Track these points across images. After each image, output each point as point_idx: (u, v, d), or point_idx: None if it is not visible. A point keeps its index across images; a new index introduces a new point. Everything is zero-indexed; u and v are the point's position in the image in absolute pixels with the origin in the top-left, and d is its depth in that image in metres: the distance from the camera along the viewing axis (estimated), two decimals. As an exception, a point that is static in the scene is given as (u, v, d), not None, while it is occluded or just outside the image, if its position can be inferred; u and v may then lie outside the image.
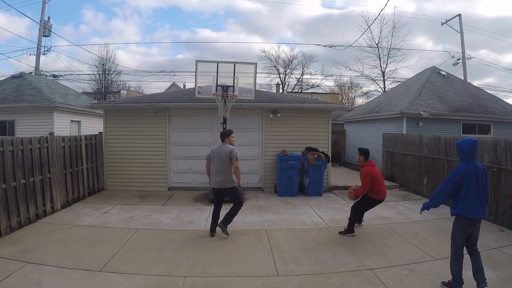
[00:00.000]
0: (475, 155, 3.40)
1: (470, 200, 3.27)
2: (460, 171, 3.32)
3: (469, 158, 3.36)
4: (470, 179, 3.28)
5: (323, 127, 8.82)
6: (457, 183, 3.32)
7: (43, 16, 18.33)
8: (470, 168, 3.31)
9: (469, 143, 3.37)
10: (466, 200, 3.28)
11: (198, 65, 7.54)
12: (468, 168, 3.31)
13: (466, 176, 3.29)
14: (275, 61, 32.42)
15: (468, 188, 3.27)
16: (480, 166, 3.39)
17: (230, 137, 5.13)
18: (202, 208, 6.79)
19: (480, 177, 3.32)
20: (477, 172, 3.32)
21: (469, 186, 3.28)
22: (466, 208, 3.28)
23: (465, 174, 3.30)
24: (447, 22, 20.44)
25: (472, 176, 3.29)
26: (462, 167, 3.34)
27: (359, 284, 3.57)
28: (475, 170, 3.31)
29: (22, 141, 5.51)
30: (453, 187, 3.34)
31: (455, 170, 3.37)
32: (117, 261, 4.07)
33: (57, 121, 11.50)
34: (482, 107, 11.94)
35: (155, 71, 49.42)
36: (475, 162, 3.39)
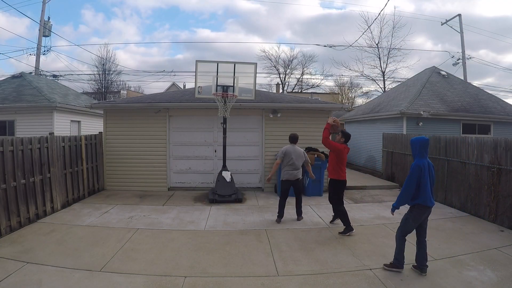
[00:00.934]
0: (427, 151, 3.81)
1: (427, 191, 3.70)
2: (419, 167, 3.70)
3: (422, 154, 3.77)
4: (425, 173, 3.71)
5: (323, 127, 8.78)
6: (418, 178, 3.69)
7: (43, 16, 18.34)
8: (424, 163, 3.73)
9: (422, 141, 3.78)
10: (425, 191, 3.70)
11: (198, 65, 7.54)
12: (423, 164, 3.72)
13: (423, 171, 3.69)
14: (275, 61, 32.46)
15: (426, 181, 3.70)
16: (430, 161, 3.84)
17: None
18: (202, 208, 6.79)
19: (431, 171, 3.79)
20: (429, 167, 3.77)
21: (426, 180, 3.70)
22: (425, 198, 3.70)
23: (423, 169, 3.70)
24: (447, 22, 20.45)
25: (426, 171, 3.72)
26: (419, 163, 3.72)
27: (359, 284, 3.57)
28: (427, 165, 3.75)
29: (22, 141, 5.51)
30: (416, 182, 3.70)
31: (414, 168, 3.72)
32: (117, 261, 4.08)
33: (57, 121, 11.50)
34: (482, 107, 11.94)
35: (155, 71, 49.43)
36: (427, 158, 3.81)
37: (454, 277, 3.71)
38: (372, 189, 8.98)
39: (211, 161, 8.84)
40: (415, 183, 3.69)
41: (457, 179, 6.91)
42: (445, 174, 7.28)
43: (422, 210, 3.76)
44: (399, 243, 3.87)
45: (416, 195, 3.73)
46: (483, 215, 6.09)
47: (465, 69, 19.71)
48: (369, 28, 24.56)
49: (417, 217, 3.81)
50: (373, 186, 9.21)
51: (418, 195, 3.72)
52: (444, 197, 7.29)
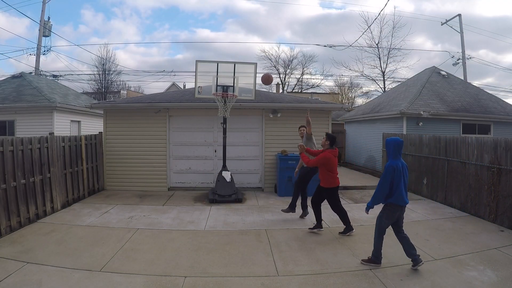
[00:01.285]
0: (401, 152, 3.97)
1: (400, 191, 3.84)
2: (392, 168, 3.85)
3: (396, 155, 3.93)
4: (399, 174, 3.85)
5: (323, 127, 8.80)
6: (392, 178, 3.83)
7: (43, 16, 18.34)
8: (398, 164, 3.87)
9: (396, 142, 3.92)
10: (398, 191, 3.83)
11: (198, 65, 7.54)
12: (397, 164, 3.86)
13: (396, 172, 3.83)
14: (275, 61, 32.46)
15: (399, 181, 3.83)
16: (403, 162, 3.99)
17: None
18: (202, 208, 6.79)
19: (404, 171, 3.93)
20: (402, 167, 3.90)
21: (399, 180, 3.84)
22: (398, 197, 3.84)
23: (396, 169, 3.84)
24: (447, 22, 20.45)
25: (400, 171, 3.85)
26: (393, 164, 3.87)
27: (359, 284, 3.57)
28: (401, 166, 3.89)
29: (22, 141, 5.51)
30: (390, 182, 3.84)
31: (388, 168, 3.87)
32: (117, 261, 4.08)
33: (57, 121, 11.50)
34: (482, 107, 11.93)
35: (155, 71, 49.40)
36: (400, 158, 3.96)
37: (454, 277, 3.70)
38: (372, 189, 8.95)
39: (211, 161, 8.84)
40: (388, 183, 3.83)
41: (457, 179, 6.91)
42: (445, 174, 7.28)
43: (394, 209, 3.90)
44: (377, 242, 4.01)
45: (389, 194, 3.87)
46: (483, 215, 6.08)
47: (465, 69, 19.71)
48: (369, 28, 24.59)
49: (390, 216, 3.94)
50: (373, 186, 9.16)
51: (391, 194, 3.87)
52: (444, 197, 7.29)
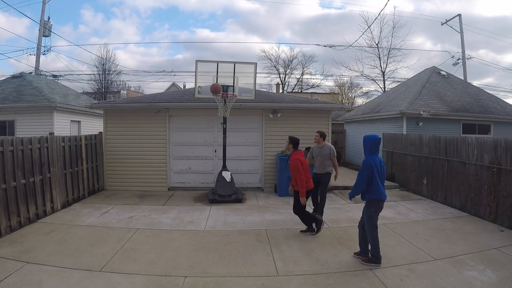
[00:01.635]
0: (378, 149, 4.12)
1: (378, 186, 4.00)
2: (369, 164, 4.01)
3: (373, 151, 4.07)
4: (376, 169, 4.01)
5: (323, 127, 8.78)
6: (370, 172, 3.99)
7: (43, 16, 18.33)
8: (375, 160, 4.03)
9: (374, 139, 4.09)
10: (375, 186, 4.00)
11: (198, 65, 7.55)
12: (374, 160, 4.02)
13: (374, 167, 4.00)
14: (275, 61, 32.46)
15: (376, 176, 4.00)
16: (380, 158, 4.15)
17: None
18: (202, 208, 6.79)
19: (382, 167, 4.09)
20: (380, 163, 4.07)
21: (376, 175, 4.00)
22: (377, 192, 4.01)
23: (373, 165, 3.99)
24: (447, 22, 20.45)
25: (377, 167, 4.02)
26: (370, 160, 4.03)
27: (359, 284, 3.57)
28: (378, 162, 4.05)
29: (22, 141, 5.51)
30: (368, 176, 4.01)
31: (366, 163, 4.03)
32: (117, 261, 4.08)
33: (57, 121, 11.50)
34: (482, 107, 11.93)
35: (155, 71, 49.41)
36: (377, 155, 4.12)
37: (454, 277, 3.70)
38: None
39: (211, 161, 8.84)
40: (366, 177, 4.01)
41: (457, 179, 6.91)
42: (445, 174, 7.28)
43: (378, 203, 4.08)
44: (373, 240, 4.05)
45: (369, 191, 4.04)
46: (483, 215, 6.08)
47: (465, 69, 19.70)
48: (369, 28, 24.58)
49: (377, 210, 4.10)
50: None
51: (371, 191, 4.02)
52: (444, 197, 7.29)
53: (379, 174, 4.04)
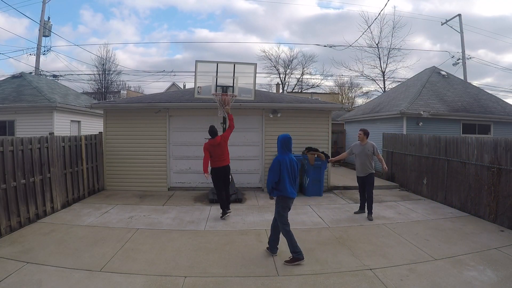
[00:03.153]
0: (288, 148, 4.22)
1: (284, 183, 4.11)
2: (278, 162, 4.14)
3: (283, 150, 4.20)
4: (284, 167, 4.10)
5: (323, 127, 8.82)
6: (277, 170, 4.12)
7: (43, 16, 18.34)
8: (285, 159, 4.14)
9: (283, 139, 4.22)
10: (282, 183, 4.11)
11: (197, 65, 7.54)
12: (283, 159, 4.13)
13: (282, 166, 4.10)
14: (275, 61, 32.45)
15: (284, 174, 4.10)
16: (292, 157, 4.23)
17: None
18: (202, 208, 6.79)
19: (292, 166, 4.18)
20: (290, 162, 4.16)
21: (284, 173, 4.10)
22: (283, 189, 4.12)
23: (281, 164, 4.10)
24: (447, 22, 20.45)
25: (286, 165, 4.11)
26: (279, 158, 4.16)
27: (359, 284, 3.57)
28: (288, 160, 4.15)
29: (22, 141, 5.51)
30: (274, 174, 4.13)
31: (273, 161, 4.19)
32: (117, 261, 4.08)
33: (57, 121, 11.50)
34: (482, 107, 11.94)
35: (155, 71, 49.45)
36: (289, 154, 4.22)
37: (454, 277, 3.70)
38: (372, 189, 8.96)
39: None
40: (275, 174, 4.13)
41: (457, 179, 6.91)
42: (445, 174, 7.28)
43: (285, 200, 4.19)
44: (288, 237, 4.12)
45: (277, 187, 4.16)
46: (483, 215, 6.08)
47: (465, 69, 19.70)
48: (369, 28, 24.56)
49: (285, 206, 4.21)
50: (373, 186, 9.18)
51: (279, 188, 4.15)
52: (444, 197, 7.29)
53: (288, 172, 4.13)
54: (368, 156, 6.17)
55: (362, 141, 6.28)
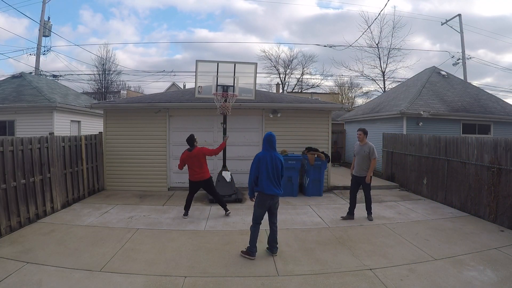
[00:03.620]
0: (271, 145, 4.22)
1: (262, 180, 4.13)
2: (257, 158, 4.19)
3: (267, 147, 4.22)
4: (263, 164, 4.13)
5: (323, 127, 8.82)
6: (256, 167, 4.16)
7: (43, 16, 18.33)
8: (266, 155, 4.16)
9: (266, 136, 4.27)
10: (261, 179, 4.15)
11: (198, 65, 7.54)
12: (264, 155, 4.16)
13: (261, 161, 4.14)
14: (275, 61, 32.46)
15: (262, 171, 4.13)
16: (277, 155, 4.21)
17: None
18: (202, 208, 6.79)
19: (274, 163, 4.15)
20: (271, 159, 4.15)
21: (263, 169, 4.13)
22: (263, 186, 4.14)
23: (260, 160, 4.15)
24: (447, 22, 20.44)
25: (265, 162, 4.12)
26: (260, 154, 4.22)
27: (359, 284, 3.57)
28: (269, 157, 4.15)
29: (22, 141, 5.51)
30: (255, 170, 4.18)
31: (254, 158, 4.23)
32: (117, 261, 4.08)
33: (57, 121, 11.49)
34: (482, 107, 11.94)
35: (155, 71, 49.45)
36: (271, 151, 4.21)
37: (454, 277, 3.70)
38: (372, 189, 8.95)
39: (211, 161, 8.82)
40: (253, 170, 4.19)
41: (457, 179, 6.91)
42: (445, 174, 7.28)
43: (263, 197, 4.20)
44: (252, 231, 4.23)
45: (257, 183, 4.20)
46: (483, 215, 6.09)
47: (465, 69, 19.70)
48: (369, 28, 24.56)
49: (261, 203, 4.22)
50: (373, 186, 9.10)
51: (258, 183, 4.19)
52: (444, 197, 7.29)
53: (268, 169, 4.13)
54: (364, 157, 6.10)
55: (361, 141, 6.25)
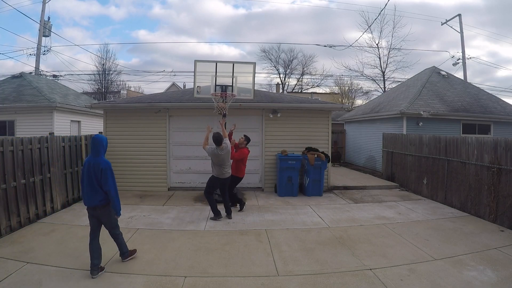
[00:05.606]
0: (98, 150, 3.75)
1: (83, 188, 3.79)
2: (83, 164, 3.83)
3: (92, 152, 3.78)
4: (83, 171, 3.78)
5: (323, 127, 8.82)
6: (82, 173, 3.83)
7: (43, 16, 18.33)
8: (86, 161, 3.79)
9: (91, 140, 3.82)
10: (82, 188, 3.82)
11: (197, 65, 7.54)
12: (88, 161, 3.76)
13: (84, 168, 3.78)
14: (275, 61, 32.47)
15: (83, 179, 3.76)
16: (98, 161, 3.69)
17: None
18: (202, 208, 6.79)
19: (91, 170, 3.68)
20: (89, 165, 3.71)
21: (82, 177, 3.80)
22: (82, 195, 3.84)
23: (84, 166, 3.81)
24: (447, 22, 20.44)
25: (84, 168, 3.75)
26: (85, 160, 3.84)
27: (359, 284, 3.57)
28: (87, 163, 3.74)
29: (22, 141, 5.51)
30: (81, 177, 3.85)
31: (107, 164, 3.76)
32: (117, 261, 4.08)
33: (57, 121, 11.50)
34: (482, 107, 11.94)
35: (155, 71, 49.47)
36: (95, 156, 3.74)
37: (454, 277, 3.70)
38: (372, 189, 8.98)
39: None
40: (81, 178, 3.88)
41: (457, 179, 6.91)
42: (445, 174, 7.28)
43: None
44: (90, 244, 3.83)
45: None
46: (483, 215, 6.09)
47: (465, 69, 19.70)
48: (369, 28, 24.54)
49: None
50: (373, 186, 9.21)
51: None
52: (444, 197, 7.29)
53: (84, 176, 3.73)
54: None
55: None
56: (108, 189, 3.66)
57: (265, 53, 33.34)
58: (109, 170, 3.69)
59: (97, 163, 3.69)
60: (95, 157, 3.74)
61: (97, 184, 3.68)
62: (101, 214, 3.80)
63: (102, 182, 3.65)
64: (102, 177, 3.65)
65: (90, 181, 3.69)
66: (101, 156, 3.78)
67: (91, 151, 3.79)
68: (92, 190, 3.70)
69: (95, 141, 3.77)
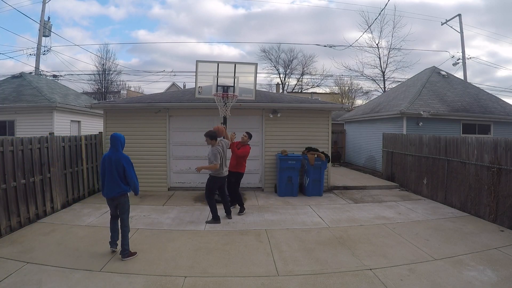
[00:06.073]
0: (116, 146, 4.19)
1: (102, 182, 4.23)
2: (102, 158, 4.29)
3: (111, 148, 4.24)
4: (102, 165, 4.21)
5: (323, 127, 8.82)
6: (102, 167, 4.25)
7: (43, 16, 18.34)
8: (106, 156, 4.23)
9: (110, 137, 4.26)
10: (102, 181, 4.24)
11: (198, 65, 7.54)
12: (106, 156, 4.23)
13: (102, 162, 4.25)
14: (275, 61, 32.47)
15: (103, 172, 4.22)
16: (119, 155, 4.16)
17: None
18: (202, 208, 6.79)
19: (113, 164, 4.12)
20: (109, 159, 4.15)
21: (103, 171, 4.22)
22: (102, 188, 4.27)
23: (102, 160, 4.26)
24: (447, 22, 20.44)
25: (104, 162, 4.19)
26: (104, 155, 4.30)
27: (359, 284, 3.57)
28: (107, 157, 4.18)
29: (22, 141, 5.51)
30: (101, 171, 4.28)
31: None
32: (117, 261, 4.08)
33: (57, 121, 11.50)
34: (482, 107, 11.94)
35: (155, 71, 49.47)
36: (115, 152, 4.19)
37: (454, 277, 3.70)
38: (372, 189, 8.98)
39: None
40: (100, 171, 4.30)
41: (457, 179, 6.91)
42: (445, 174, 7.28)
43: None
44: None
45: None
46: (483, 215, 6.09)
47: (465, 69, 19.71)
48: (369, 28, 24.54)
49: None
50: (373, 186, 9.21)
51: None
52: (444, 197, 7.29)
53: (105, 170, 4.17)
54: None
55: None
56: (130, 177, 4.16)
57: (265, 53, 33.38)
58: (129, 162, 4.21)
59: (118, 158, 4.14)
60: (115, 153, 4.18)
61: (117, 176, 4.12)
62: (118, 203, 4.24)
63: (127, 174, 4.14)
64: (125, 170, 4.14)
65: (111, 174, 4.12)
66: (120, 151, 4.22)
67: (110, 148, 4.23)
68: (112, 182, 4.13)
69: (114, 139, 4.20)
